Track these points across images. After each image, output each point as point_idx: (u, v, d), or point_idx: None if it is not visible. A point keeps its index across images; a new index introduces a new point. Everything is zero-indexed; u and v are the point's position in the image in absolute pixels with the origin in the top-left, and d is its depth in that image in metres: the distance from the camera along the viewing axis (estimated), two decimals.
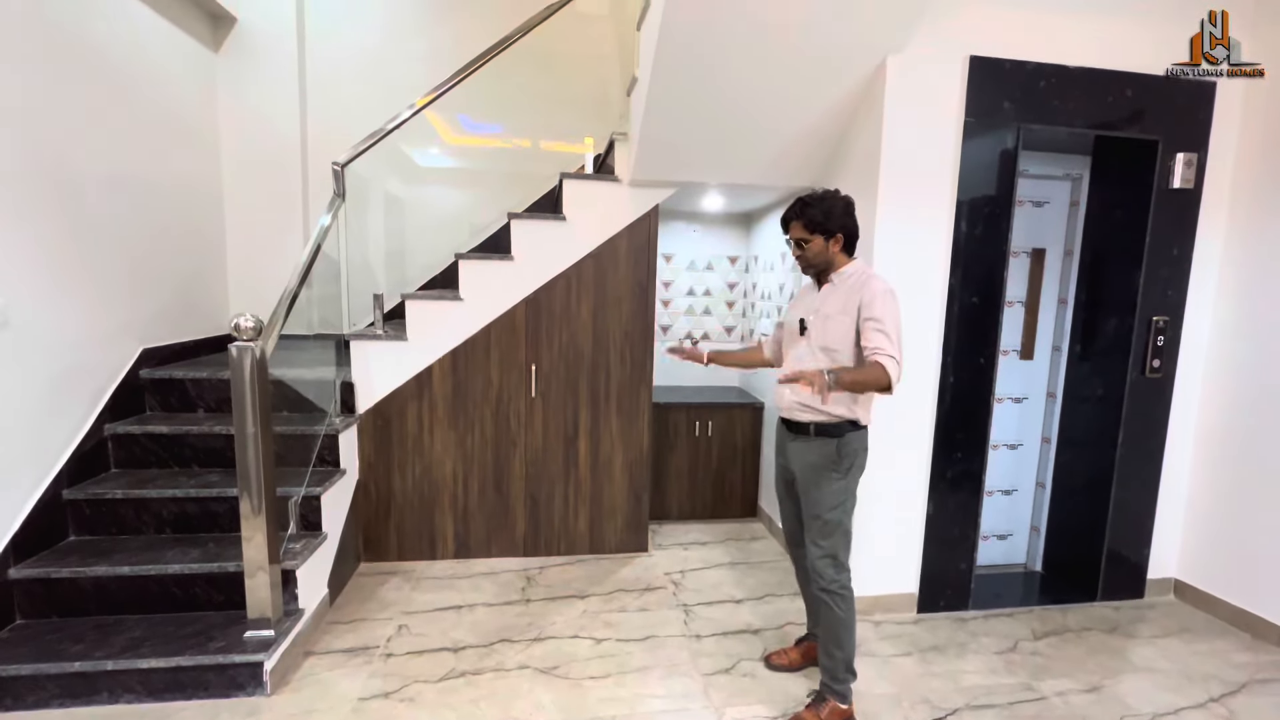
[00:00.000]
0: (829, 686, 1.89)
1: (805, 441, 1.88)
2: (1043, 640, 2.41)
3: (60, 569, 2.02)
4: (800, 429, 1.90)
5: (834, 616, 1.85)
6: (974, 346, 2.44)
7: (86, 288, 2.30)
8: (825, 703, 1.88)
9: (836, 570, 1.85)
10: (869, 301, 1.76)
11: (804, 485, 1.89)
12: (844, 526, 1.86)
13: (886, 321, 1.73)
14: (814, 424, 1.86)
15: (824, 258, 1.88)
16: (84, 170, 2.29)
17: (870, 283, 1.80)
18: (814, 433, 1.86)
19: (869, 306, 1.75)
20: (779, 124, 2.47)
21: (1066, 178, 2.81)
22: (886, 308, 1.74)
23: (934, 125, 2.31)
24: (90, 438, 2.30)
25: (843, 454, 1.84)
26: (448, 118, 3.53)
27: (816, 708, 1.88)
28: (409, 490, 2.87)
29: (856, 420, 1.85)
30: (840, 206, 1.85)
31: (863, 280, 1.82)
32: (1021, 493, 3.01)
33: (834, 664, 1.87)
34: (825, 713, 1.86)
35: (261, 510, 1.94)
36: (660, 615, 2.51)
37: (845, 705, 1.88)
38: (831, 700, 1.87)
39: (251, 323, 1.90)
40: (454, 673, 2.10)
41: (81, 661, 1.84)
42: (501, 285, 2.81)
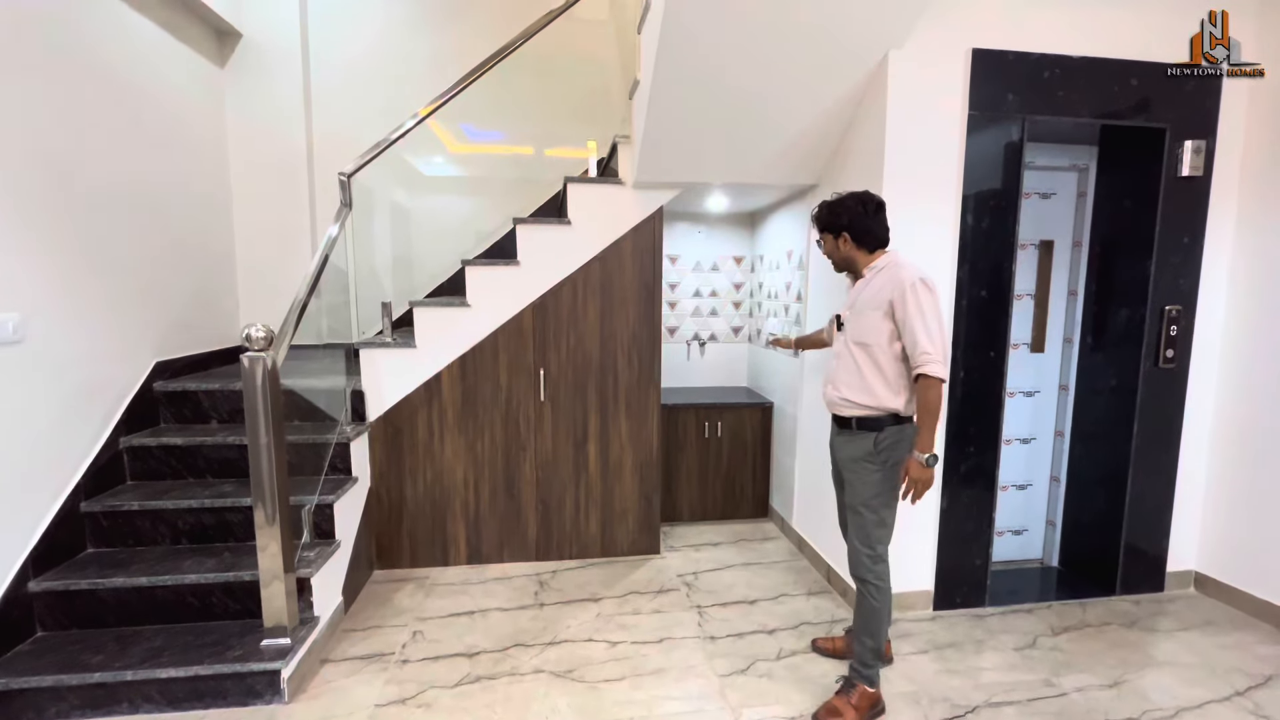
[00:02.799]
0: (858, 672, 1.93)
1: (848, 435, 1.94)
2: (1062, 635, 2.38)
3: (79, 581, 2.04)
4: (844, 423, 1.95)
5: (867, 605, 1.90)
6: (984, 340, 2.43)
7: (100, 302, 2.33)
8: (854, 688, 1.92)
9: (873, 561, 1.90)
10: (900, 299, 1.79)
11: (847, 477, 1.96)
12: (880, 518, 1.90)
13: (917, 317, 1.75)
14: (855, 418, 1.91)
15: (839, 255, 1.96)
16: (97, 186, 2.32)
17: (899, 274, 1.81)
18: (855, 426, 1.92)
19: (900, 305, 1.78)
20: (781, 122, 2.47)
21: (1073, 169, 2.79)
22: (917, 301, 1.76)
23: (937, 119, 2.30)
24: (106, 450, 2.32)
25: (879, 447, 1.87)
26: (451, 127, 3.55)
27: (846, 693, 1.93)
28: (420, 497, 2.88)
29: (898, 413, 1.86)
30: (848, 204, 1.90)
31: (892, 272, 1.84)
32: (1036, 487, 2.98)
33: (863, 650, 1.92)
34: (855, 697, 1.91)
35: (275, 519, 1.95)
36: (674, 617, 2.50)
37: (873, 689, 1.92)
38: (860, 685, 1.92)
39: (263, 333, 1.92)
40: (469, 678, 2.11)
41: (102, 672, 1.86)
42: (508, 290, 2.82)
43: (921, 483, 1.76)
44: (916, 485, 1.77)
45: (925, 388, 1.76)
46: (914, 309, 1.75)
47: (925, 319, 1.74)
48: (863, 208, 1.88)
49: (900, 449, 1.87)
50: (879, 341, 1.84)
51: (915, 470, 1.76)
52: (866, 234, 1.89)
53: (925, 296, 1.76)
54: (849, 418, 1.92)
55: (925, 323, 1.74)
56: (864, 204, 1.89)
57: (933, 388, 1.75)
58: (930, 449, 1.76)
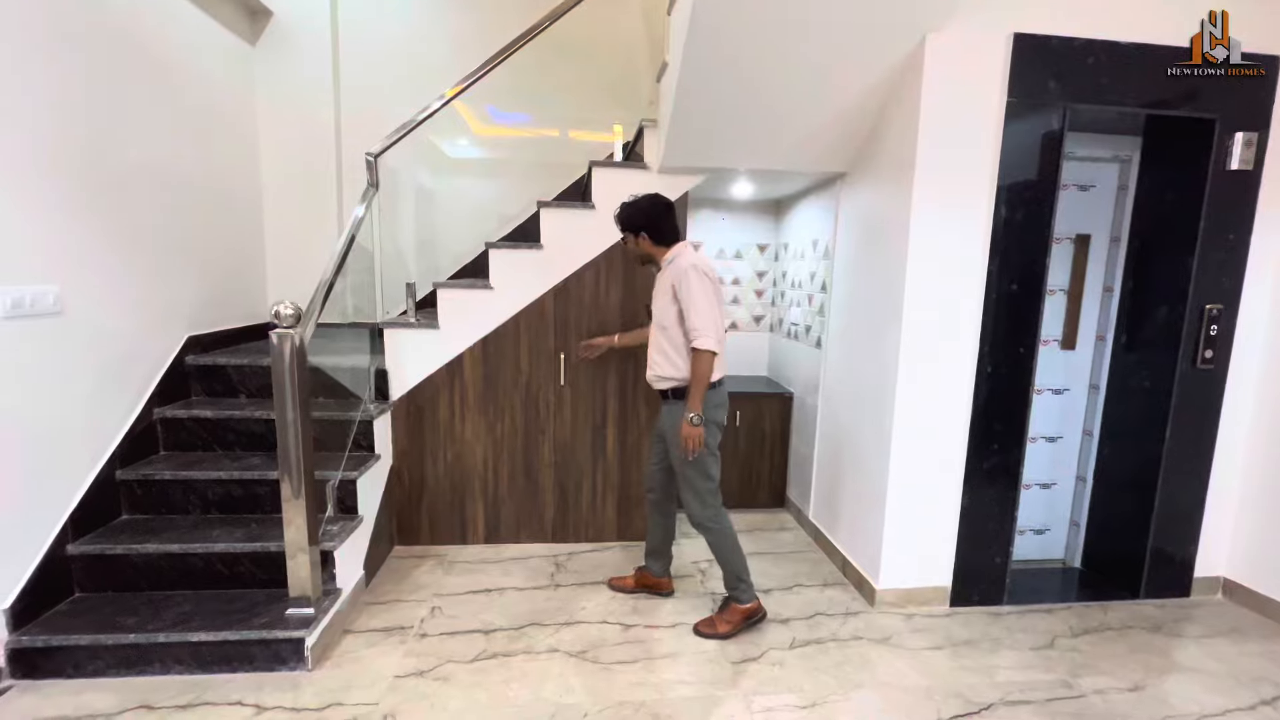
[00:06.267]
0: (730, 594, 2.34)
1: (668, 406, 2.28)
2: (1081, 637, 2.35)
3: (115, 546, 2.12)
4: (664, 396, 2.29)
5: (714, 544, 2.29)
6: (1013, 335, 2.38)
7: (135, 278, 2.39)
8: (728, 606, 2.32)
9: (703, 508, 2.25)
10: (679, 284, 2.12)
11: (671, 441, 2.25)
12: (704, 471, 2.22)
13: (688, 299, 2.09)
14: (669, 390, 2.25)
15: (638, 251, 2.31)
16: (132, 164, 2.37)
17: (678, 263, 2.16)
18: (671, 397, 2.26)
19: (679, 288, 2.12)
20: (813, 108, 2.42)
21: (1115, 160, 2.70)
22: (688, 286, 2.09)
23: (974, 107, 2.23)
24: (141, 421, 2.40)
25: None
26: (476, 108, 3.54)
27: (722, 611, 2.33)
28: (440, 476, 2.93)
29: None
30: (642, 207, 2.25)
31: (677, 262, 2.18)
32: (1060, 486, 2.93)
33: (728, 576, 2.31)
34: (728, 614, 2.30)
35: (301, 494, 2.00)
36: (689, 603, 2.52)
37: (744, 605, 2.30)
38: (733, 604, 2.31)
39: (291, 310, 1.95)
40: (485, 654, 2.15)
41: (136, 634, 1.93)
42: (531, 274, 2.83)
43: (690, 438, 2.10)
44: (687, 440, 2.11)
45: (695, 358, 2.10)
46: (685, 292, 2.09)
47: (695, 300, 2.08)
48: (654, 209, 2.24)
49: (710, 411, 2.17)
50: (671, 322, 2.18)
51: (685, 429, 2.10)
52: (658, 231, 2.24)
53: (695, 281, 2.09)
54: (664, 390, 2.26)
55: (695, 303, 2.08)
56: (655, 205, 2.24)
57: (700, 358, 2.08)
58: (697, 410, 2.10)
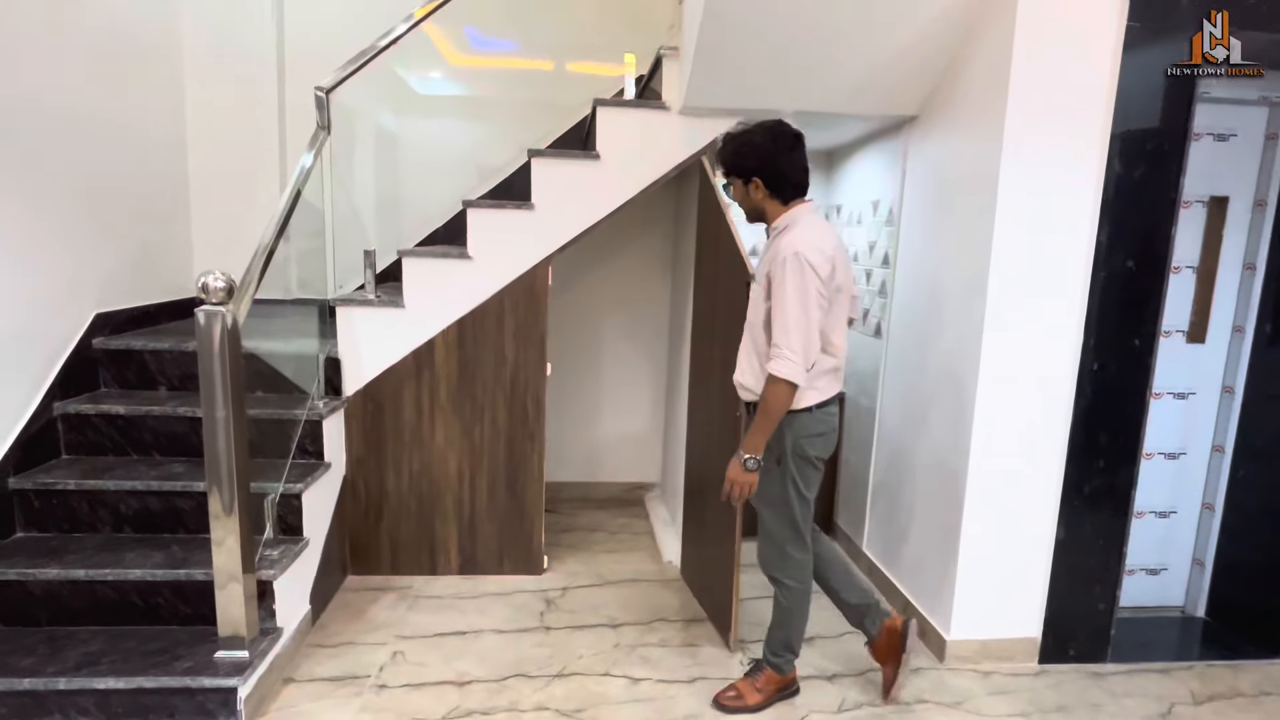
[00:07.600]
0: (767, 658, 2.23)
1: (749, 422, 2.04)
2: (1205, 705, 2.33)
3: (7, 571, 2.14)
4: (746, 409, 2.10)
5: (778, 602, 2.17)
6: (1127, 325, 2.34)
7: (28, 239, 2.38)
8: (761, 671, 2.22)
9: (780, 559, 2.11)
10: (775, 275, 1.85)
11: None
12: (782, 515, 2.06)
13: (780, 303, 1.82)
14: (749, 404, 2.05)
15: (749, 204, 2.01)
16: (23, 95, 2.35)
17: (783, 239, 1.88)
18: (750, 414, 2.02)
19: (774, 283, 1.85)
20: (876, 35, 2.38)
21: (1263, 102, 2.63)
22: (784, 284, 1.81)
23: (1083, 34, 2.18)
24: (37, 418, 2.41)
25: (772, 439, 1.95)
26: (452, 32, 3.52)
27: (752, 676, 2.23)
28: (405, 490, 2.94)
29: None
30: (756, 141, 1.92)
31: (781, 238, 1.90)
32: (1182, 515, 2.89)
33: (774, 640, 2.22)
34: (760, 680, 2.20)
35: (234, 509, 2.00)
36: (710, 652, 2.52)
37: (781, 676, 2.21)
38: (767, 670, 2.21)
39: (222, 283, 1.94)
40: (459, 711, 2.15)
41: (31, 679, 1.94)
42: (520, 240, 2.81)
43: (739, 485, 1.93)
44: (735, 487, 1.94)
45: (768, 384, 1.84)
46: (777, 288, 1.83)
47: (784, 304, 1.81)
48: (774, 143, 1.91)
49: (804, 442, 1.98)
50: (759, 321, 1.94)
51: (734, 470, 1.92)
52: (777, 177, 1.92)
53: (791, 277, 1.80)
54: (747, 404, 2.08)
55: (784, 308, 1.81)
56: (776, 138, 1.91)
57: (775, 388, 1.82)
58: (756, 452, 1.89)
